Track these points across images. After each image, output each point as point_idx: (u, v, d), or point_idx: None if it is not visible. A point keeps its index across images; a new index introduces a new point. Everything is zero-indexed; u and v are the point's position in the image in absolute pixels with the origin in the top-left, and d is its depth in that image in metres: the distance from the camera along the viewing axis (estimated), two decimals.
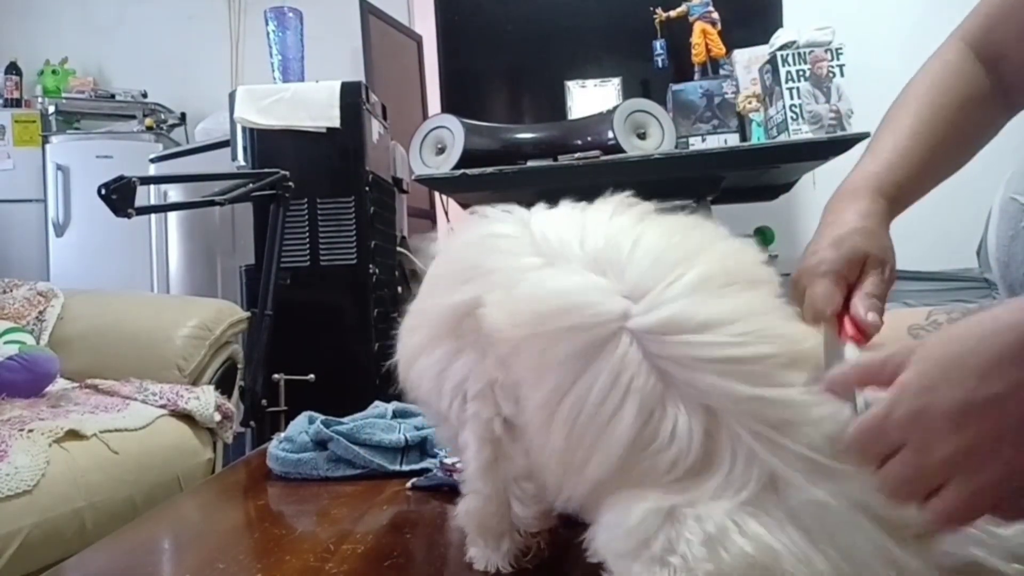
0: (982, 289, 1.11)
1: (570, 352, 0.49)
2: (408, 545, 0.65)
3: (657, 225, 0.55)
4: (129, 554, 0.70)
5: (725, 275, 0.51)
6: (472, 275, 0.57)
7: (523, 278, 0.53)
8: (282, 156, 1.98)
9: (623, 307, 0.49)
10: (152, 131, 3.32)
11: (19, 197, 3.23)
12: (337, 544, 0.65)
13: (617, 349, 0.48)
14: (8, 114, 3.27)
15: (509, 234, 0.58)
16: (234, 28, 3.51)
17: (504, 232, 0.58)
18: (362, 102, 2.11)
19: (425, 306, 0.61)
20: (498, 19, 2.60)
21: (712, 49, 2.29)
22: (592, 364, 0.49)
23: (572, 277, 0.52)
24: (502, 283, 0.54)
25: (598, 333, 0.49)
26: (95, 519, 1.17)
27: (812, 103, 1.97)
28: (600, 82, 2.45)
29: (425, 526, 0.67)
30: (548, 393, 0.50)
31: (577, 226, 0.56)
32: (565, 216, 0.58)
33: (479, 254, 0.58)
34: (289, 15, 2.36)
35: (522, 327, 0.51)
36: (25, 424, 1.20)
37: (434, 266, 0.63)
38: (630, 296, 0.50)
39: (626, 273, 0.51)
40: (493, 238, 0.58)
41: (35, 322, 1.83)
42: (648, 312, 0.49)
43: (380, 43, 2.69)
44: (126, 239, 2.90)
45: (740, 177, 2.16)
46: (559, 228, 0.56)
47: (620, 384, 0.48)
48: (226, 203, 1.49)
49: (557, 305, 0.50)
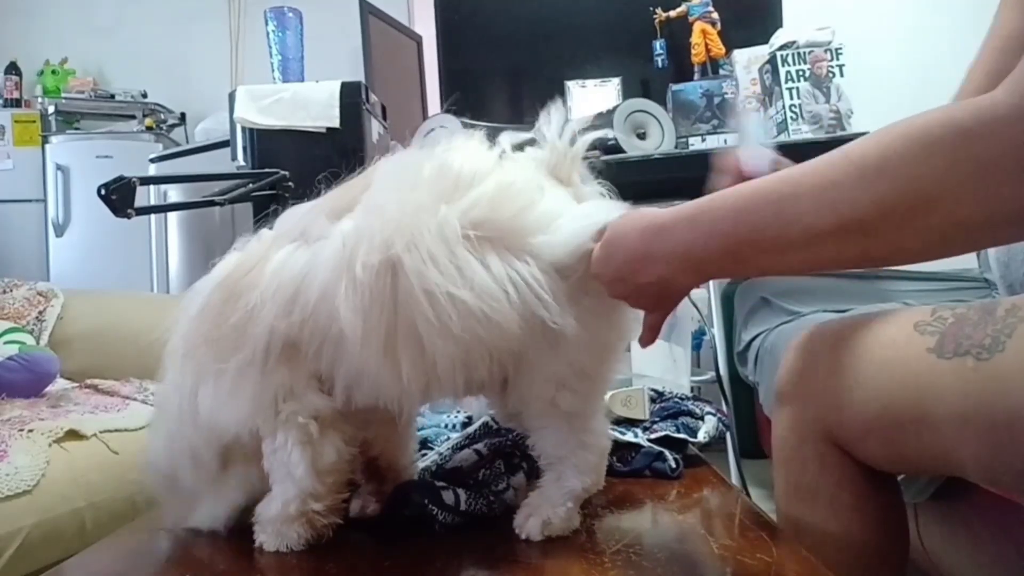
0: (982, 289, 1.11)
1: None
2: (409, 546, 0.65)
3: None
4: (129, 554, 0.70)
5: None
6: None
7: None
8: (282, 156, 1.97)
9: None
10: (152, 131, 3.32)
11: (19, 197, 3.23)
12: (337, 544, 0.65)
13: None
14: (8, 114, 3.27)
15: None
16: (234, 28, 3.51)
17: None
18: (362, 102, 2.11)
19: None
20: (498, 19, 2.60)
21: (712, 49, 2.29)
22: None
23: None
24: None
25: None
26: (95, 519, 1.17)
27: (812, 103, 1.97)
28: (600, 82, 2.45)
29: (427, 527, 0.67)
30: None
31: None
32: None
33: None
34: (289, 15, 2.36)
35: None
36: (25, 424, 1.20)
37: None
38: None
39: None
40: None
41: (35, 322, 1.82)
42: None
43: (380, 43, 2.68)
44: (126, 239, 2.90)
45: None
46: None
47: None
48: (226, 203, 1.49)
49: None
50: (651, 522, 0.74)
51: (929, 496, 0.82)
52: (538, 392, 0.63)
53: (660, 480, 0.83)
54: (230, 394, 0.60)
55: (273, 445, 0.61)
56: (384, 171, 0.63)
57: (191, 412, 0.62)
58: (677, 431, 0.93)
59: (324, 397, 0.61)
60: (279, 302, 0.58)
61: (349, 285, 0.55)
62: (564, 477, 0.64)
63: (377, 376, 0.57)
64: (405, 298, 0.55)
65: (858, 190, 0.51)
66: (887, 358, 0.67)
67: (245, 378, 0.60)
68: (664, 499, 0.77)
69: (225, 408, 0.61)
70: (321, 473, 0.62)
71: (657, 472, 0.84)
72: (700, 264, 0.60)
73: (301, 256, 0.60)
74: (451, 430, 0.96)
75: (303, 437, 0.60)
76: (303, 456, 0.60)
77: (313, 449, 0.61)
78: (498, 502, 0.69)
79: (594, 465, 0.65)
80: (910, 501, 0.83)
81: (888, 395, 0.66)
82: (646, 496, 0.77)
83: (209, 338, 0.61)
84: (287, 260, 0.60)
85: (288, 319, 0.58)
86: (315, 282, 0.57)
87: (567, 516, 0.64)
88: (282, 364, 0.60)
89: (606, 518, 0.70)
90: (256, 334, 0.59)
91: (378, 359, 0.56)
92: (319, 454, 0.61)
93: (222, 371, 0.60)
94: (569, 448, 0.64)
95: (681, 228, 0.60)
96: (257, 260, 0.62)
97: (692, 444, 0.95)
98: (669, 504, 0.76)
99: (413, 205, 0.57)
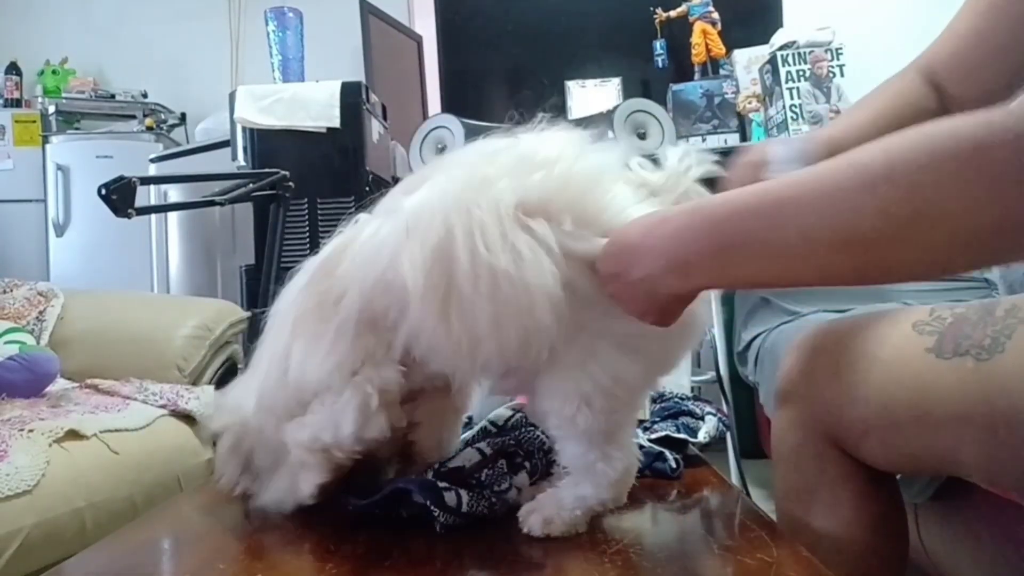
0: (982, 289, 1.11)
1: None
2: (409, 546, 0.65)
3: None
4: (129, 554, 0.70)
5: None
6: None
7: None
8: (282, 156, 1.98)
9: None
10: (152, 131, 3.32)
11: (19, 197, 3.23)
12: (337, 544, 0.65)
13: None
14: (8, 114, 3.27)
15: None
16: (234, 28, 3.51)
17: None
18: (362, 102, 2.11)
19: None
20: (498, 19, 2.61)
21: (712, 49, 2.29)
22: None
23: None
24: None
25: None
26: (95, 519, 1.17)
27: (812, 103, 1.97)
28: (600, 82, 2.45)
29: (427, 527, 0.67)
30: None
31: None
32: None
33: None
34: (289, 15, 2.37)
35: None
36: (25, 424, 1.20)
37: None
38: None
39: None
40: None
41: (35, 322, 1.82)
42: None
43: (380, 43, 2.68)
44: (126, 239, 2.90)
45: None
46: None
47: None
48: (226, 203, 1.49)
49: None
50: (651, 522, 0.74)
51: (929, 496, 0.82)
52: (559, 405, 0.63)
53: (660, 480, 0.83)
54: (325, 354, 0.66)
55: (334, 398, 0.66)
56: (462, 151, 0.68)
57: (282, 370, 0.68)
58: (677, 431, 0.94)
59: (398, 371, 0.66)
60: (362, 270, 0.64)
61: (415, 248, 0.59)
62: (581, 485, 0.64)
63: (433, 335, 0.61)
64: (459, 265, 0.58)
65: (863, 196, 0.49)
66: (886, 358, 0.67)
67: (340, 341, 0.65)
68: (664, 499, 0.77)
69: (314, 366, 0.66)
70: (360, 440, 0.66)
71: (657, 472, 0.84)
72: (686, 265, 0.57)
73: (381, 228, 0.65)
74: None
75: (363, 405, 0.65)
76: (355, 421, 0.65)
77: (365, 419, 0.65)
78: (500, 503, 0.69)
79: (614, 481, 0.65)
80: (910, 501, 0.83)
81: (888, 395, 0.66)
82: (646, 496, 0.77)
83: (312, 306, 0.67)
84: (370, 233, 0.66)
85: (369, 285, 0.63)
86: (386, 249, 0.62)
87: (572, 521, 0.64)
88: (368, 331, 0.65)
89: (606, 518, 0.70)
90: (347, 303, 0.64)
91: (435, 318, 0.59)
92: (367, 426, 0.66)
93: (320, 334, 0.66)
94: (589, 461, 0.64)
95: (675, 222, 0.58)
96: (352, 237, 0.68)
97: (692, 444, 0.95)
98: (669, 504, 0.76)
99: (477, 179, 0.61)
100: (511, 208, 0.59)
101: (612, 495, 0.65)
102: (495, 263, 0.57)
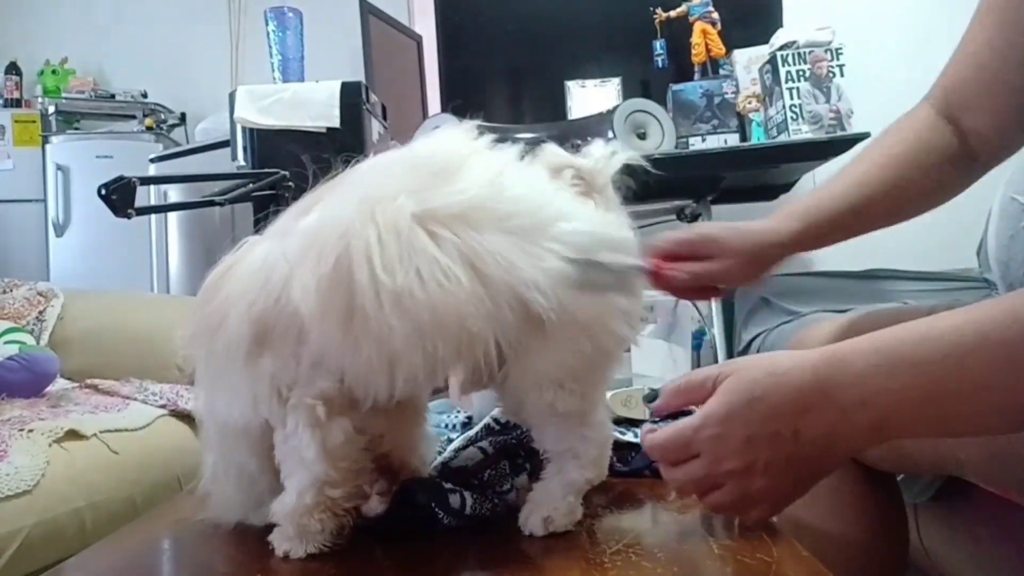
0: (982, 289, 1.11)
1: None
2: (409, 546, 0.65)
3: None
4: (129, 554, 0.70)
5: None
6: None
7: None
8: (282, 156, 1.97)
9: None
10: (152, 131, 3.32)
11: (19, 197, 3.23)
12: (338, 544, 0.65)
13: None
14: (8, 114, 3.27)
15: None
16: (234, 28, 3.51)
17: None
18: (362, 102, 2.11)
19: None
20: (498, 19, 2.61)
21: (712, 49, 2.29)
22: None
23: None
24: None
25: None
26: (95, 519, 1.17)
27: (812, 103, 1.97)
28: (600, 82, 2.45)
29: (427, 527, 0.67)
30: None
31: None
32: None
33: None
34: (289, 15, 2.37)
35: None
36: (25, 424, 1.20)
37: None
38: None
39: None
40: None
41: (35, 322, 1.83)
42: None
43: (380, 43, 2.68)
44: (126, 239, 2.90)
45: (740, 177, 2.16)
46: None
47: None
48: (226, 203, 1.49)
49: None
50: (651, 522, 0.74)
51: (929, 496, 0.82)
52: (533, 395, 0.63)
53: (660, 480, 0.82)
54: (225, 385, 0.62)
55: (284, 433, 0.62)
56: (358, 169, 0.64)
57: (212, 416, 0.64)
58: None
59: (329, 381, 0.61)
60: (248, 291, 0.60)
61: (307, 273, 0.56)
62: (564, 471, 0.65)
63: (340, 356, 0.58)
64: (359, 286, 0.55)
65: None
66: None
67: (232, 366, 0.61)
68: (664, 499, 0.77)
69: (231, 403, 0.62)
70: (332, 456, 0.61)
71: (657, 472, 0.84)
72: (885, 417, 0.48)
73: (271, 249, 0.62)
74: (451, 430, 0.96)
75: (311, 419, 0.60)
76: (313, 438, 0.60)
77: (322, 431, 0.61)
78: (501, 504, 0.69)
79: (595, 458, 0.65)
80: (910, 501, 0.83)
81: None
82: (646, 496, 0.77)
83: (195, 333, 0.63)
84: (259, 255, 0.62)
85: (257, 307, 0.59)
86: (276, 274, 0.59)
87: (568, 510, 0.64)
88: (264, 350, 0.60)
89: (606, 518, 0.70)
90: (230, 324, 0.60)
91: (338, 340, 0.57)
92: (328, 435, 0.61)
93: (210, 359, 0.62)
94: (569, 442, 0.65)
95: (864, 362, 0.48)
96: (238, 259, 0.64)
97: None
98: (669, 504, 0.76)
99: (374, 196, 0.58)
100: (409, 223, 0.56)
101: (595, 473, 0.66)
102: (397, 282, 0.54)
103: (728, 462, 0.52)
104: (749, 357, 0.55)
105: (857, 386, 0.48)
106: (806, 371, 0.49)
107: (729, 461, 0.52)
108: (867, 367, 0.48)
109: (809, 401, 0.49)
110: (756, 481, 0.51)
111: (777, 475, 0.51)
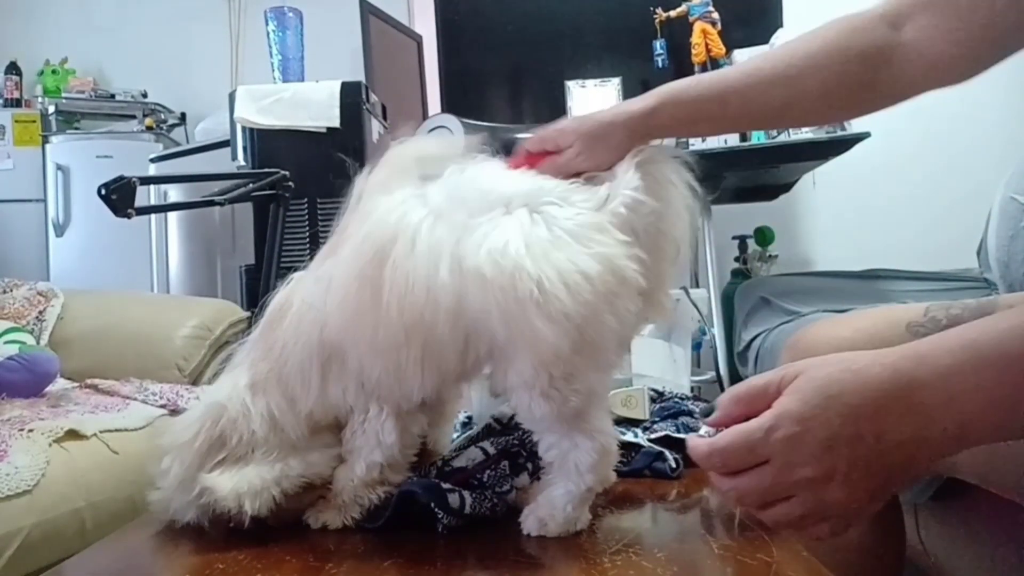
0: (982, 289, 1.11)
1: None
2: (409, 546, 0.65)
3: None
4: (129, 554, 0.70)
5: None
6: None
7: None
8: (282, 156, 1.98)
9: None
10: (152, 131, 3.32)
11: (19, 197, 3.23)
12: (338, 544, 0.65)
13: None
14: (8, 114, 3.27)
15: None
16: (234, 28, 3.51)
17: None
18: (362, 102, 2.11)
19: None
20: (498, 19, 2.60)
21: (712, 49, 2.29)
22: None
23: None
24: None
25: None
26: (95, 519, 1.17)
27: None
28: (600, 82, 2.45)
29: (427, 527, 0.67)
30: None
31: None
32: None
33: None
34: (289, 15, 2.37)
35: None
36: (25, 424, 1.20)
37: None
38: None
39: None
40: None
41: (35, 322, 1.83)
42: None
43: (380, 43, 2.68)
44: (126, 239, 2.90)
45: (740, 177, 2.15)
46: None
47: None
48: (226, 203, 1.49)
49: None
50: (651, 522, 0.74)
51: (929, 496, 0.82)
52: (516, 398, 0.63)
53: (660, 480, 0.83)
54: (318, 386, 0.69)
55: (364, 416, 0.68)
56: (369, 199, 0.74)
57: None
58: (677, 431, 0.93)
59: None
60: (303, 335, 0.69)
61: (334, 312, 0.66)
62: (562, 480, 0.64)
63: (371, 371, 0.65)
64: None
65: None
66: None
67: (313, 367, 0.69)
68: (664, 499, 0.77)
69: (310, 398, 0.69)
70: (404, 444, 0.69)
71: (657, 472, 0.84)
72: (970, 422, 0.44)
73: (312, 293, 0.70)
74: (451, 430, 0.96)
75: (396, 409, 0.67)
76: (395, 426, 0.67)
77: (403, 421, 0.68)
78: (501, 504, 0.69)
79: (593, 464, 0.64)
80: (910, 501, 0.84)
81: None
82: (646, 496, 0.77)
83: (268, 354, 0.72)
84: (304, 298, 0.70)
85: (315, 342, 0.68)
86: (312, 313, 0.68)
87: (565, 520, 0.64)
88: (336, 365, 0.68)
89: (606, 518, 0.70)
90: (302, 345, 0.68)
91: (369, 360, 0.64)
92: (407, 427, 0.68)
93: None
94: (564, 449, 0.64)
95: (951, 358, 0.44)
96: (287, 298, 0.73)
97: None
98: (669, 504, 0.76)
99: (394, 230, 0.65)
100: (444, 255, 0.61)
101: (595, 479, 0.64)
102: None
103: (804, 468, 0.45)
104: (818, 357, 0.48)
105: (941, 385, 0.44)
106: (886, 367, 0.45)
107: (805, 467, 0.45)
108: (954, 363, 0.44)
109: (892, 399, 0.44)
110: (833, 491, 0.45)
111: (856, 485, 0.45)
